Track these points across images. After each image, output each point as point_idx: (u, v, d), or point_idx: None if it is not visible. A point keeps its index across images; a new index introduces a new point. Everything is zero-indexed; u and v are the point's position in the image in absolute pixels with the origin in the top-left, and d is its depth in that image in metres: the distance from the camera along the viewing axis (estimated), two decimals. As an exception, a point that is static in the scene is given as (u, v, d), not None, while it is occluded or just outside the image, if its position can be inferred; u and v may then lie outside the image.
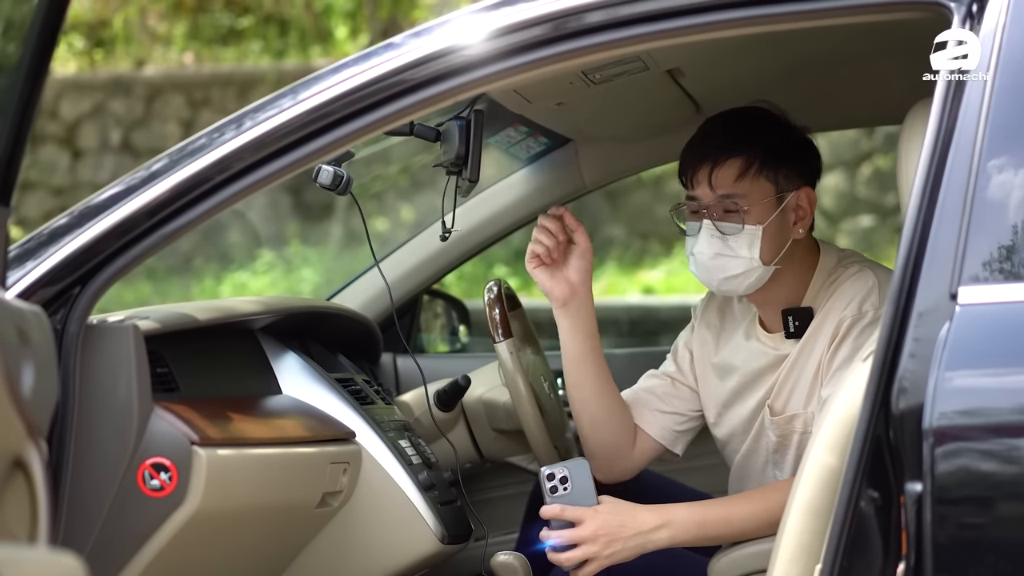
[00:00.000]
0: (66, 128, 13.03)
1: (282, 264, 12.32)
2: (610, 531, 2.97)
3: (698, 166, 3.14)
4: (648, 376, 3.43)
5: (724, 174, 3.12)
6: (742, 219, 3.10)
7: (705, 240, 3.11)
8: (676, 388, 3.37)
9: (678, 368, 3.39)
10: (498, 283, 3.55)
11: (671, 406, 3.37)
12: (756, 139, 3.14)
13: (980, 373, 2.34)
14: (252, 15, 14.15)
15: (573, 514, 2.98)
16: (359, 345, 3.99)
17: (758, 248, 3.10)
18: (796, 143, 3.21)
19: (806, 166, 3.21)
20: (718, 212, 3.11)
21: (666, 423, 3.36)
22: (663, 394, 3.37)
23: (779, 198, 3.13)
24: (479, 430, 3.88)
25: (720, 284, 3.14)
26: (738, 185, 3.11)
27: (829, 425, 2.47)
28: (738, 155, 3.12)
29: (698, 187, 3.14)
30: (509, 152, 4.14)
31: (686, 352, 3.40)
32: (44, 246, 2.63)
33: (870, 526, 2.34)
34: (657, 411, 3.36)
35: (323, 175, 3.35)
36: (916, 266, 2.37)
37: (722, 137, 3.15)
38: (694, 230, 3.15)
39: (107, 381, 2.63)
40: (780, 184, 3.14)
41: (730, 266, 3.11)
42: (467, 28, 2.66)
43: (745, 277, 3.12)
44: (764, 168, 3.13)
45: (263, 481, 2.95)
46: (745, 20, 2.56)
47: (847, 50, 3.40)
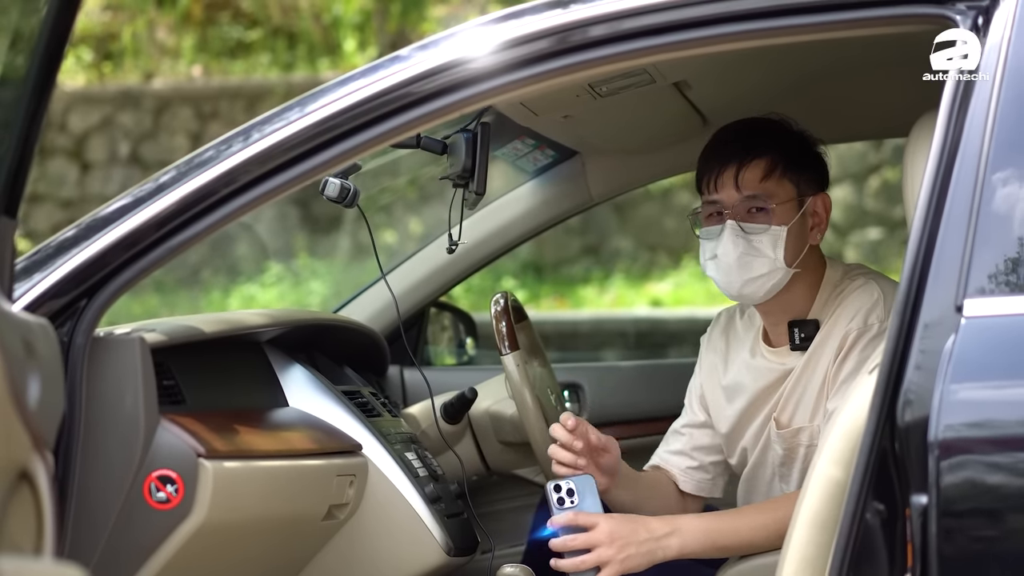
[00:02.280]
0: (75, 141, 13.04)
1: (290, 276, 12.32)
2: (623, 535, 2.97)
3: (723, 168, 3.15)
4: (672, 434, 3.43)
5: (751, 175, 3.13)
6: (768, 219, 3.11)
7: (729, 241, 3.11)
8: (697, 437, 3.38)
9: (693, 413, 3.40)
10: (505, 295, 3.55)
11: (698, 459, 3.38)
12: (777, 143, 3.17)
13: (985, 385, 2.34)
14: (261, 28, 14.15)
15: (586, 519, 2.98)
16: (366, 358, 3.99)
17: (782, 249, 3.11)
18: (811, 151, 3.24)
19: (821, 173, 3.24)
20: (742, 213, 3.13)
21: (700, 477, 3.38)
22: (689, 450, 3.38)
23: (800, 201, 3.16)
24: (486, 442, 3.89)
25: (742, 287, 3.14)
26: (764, 185, 3.13)
27: (835, 437, 2.47)
28: (764, 156, 3.14)
29: (723, 189, 3.15)
30: (516, 164, 4.15)
31: (696, 394, 3.41)
32: (51, 258, 2.63)
33: (876, 539, 2.34)
34: (688, 469, 3.38)
35: (330, 188, 3.35)
36: (922, 278, 2.37)
37: (746, 140, 3.18)
38: (715, 234, 3.15)
39: (114, 393, 2.64)
40: (801, 188, 3.17)
41: (755, 266, 3.11)
42: (473, 41, 2.67)
43: (768, 279, 3.12)
44: (788, 170, 3.15)
45: (269, 493, 2.96)
46: (748, 33, 2.57)
47: (854, 63, 3.40)
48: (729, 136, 3.23)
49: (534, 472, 3.92)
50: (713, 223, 3.17)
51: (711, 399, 3.36)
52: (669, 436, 3.44)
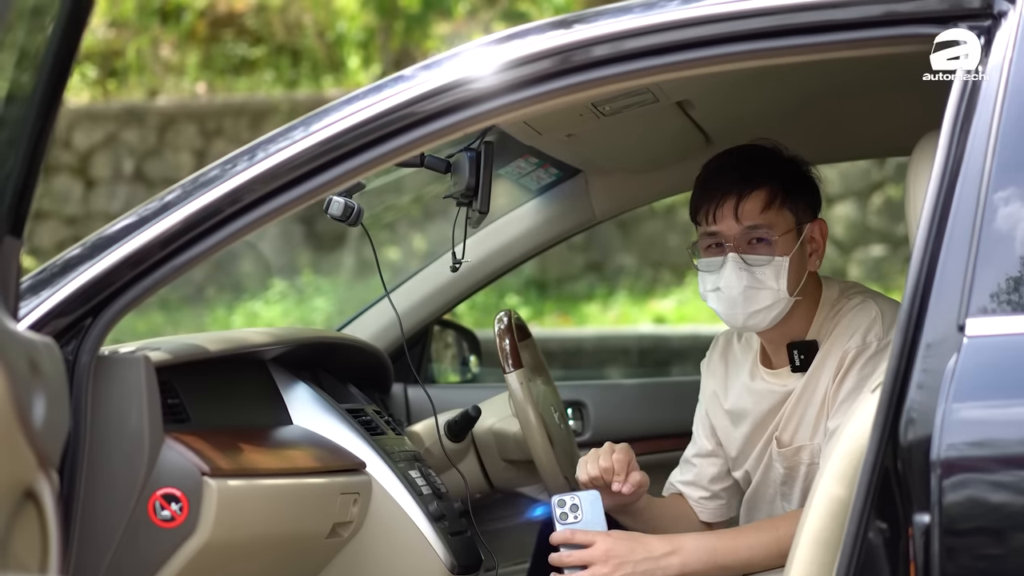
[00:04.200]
0: (79, 158, 13.07)
1: (294, 294, 12.33)
2: (620, 554, 2.97)
3: (722, 200, 3.13)
4: (684, 463, 3.44)
5: (751, 206, 3.12)
6: (771, 250, 3.11)
7: (732, 274, 3.10)
8: (705, 467, 3.39)
9: (701, 442, 3.41)
10: (508, 313, 3.56)
11: (710, 489, 3.39)
12: (775, 171, 3.16)
13: (988, 405, 2.34)
14: (265, 45, 14.19)
15: (584, 537, 2.99)
16: (370, 375, 4.00)
17: (785, 279, 3.10)
18: (805, 177, 3.23)
19: (815, 199, 3.23)
20: (743, 245, 3.12)
21: (715, 505, 3.40)
22: (700, 481, 3.39)
23: (799, 229, 3.15)
24: (489, 460, 3.89)
25: (747, 319, 3.13)
26: (764, 216, 3.12)
27: (837, 456, 2.47)
28: (763, 187, 3.13)
29: (722, 221, 3.13)
30: (519, 183, 4.15)
31: (702, 423, 3.41)
32: (57, 277, 2.64)
33: (878, 557, 2.34)
34: (702, 500, 3.39)
35: (334, 206, 3.35)
36: (924, 297, 2.37)
37: (743, 170, 3.16)
38: (715, 266, 3.13)
39: (118, 412, 2.64)
40: (799, 216, 3.16)
41: (759, 298, 3.10)
42: (477, 61, 2.68)
43: (771, 310, 3.12)
44: (787, 199, 3.14)
45: (273, 512, 2.96)
46: (750, 54, 2.58)
47: (858, 82, 3.41)
48: (725, 166, 3.21)
49: (538, 490, 3.92)
50: (713, 254, 3.15)
51: (718, 425, 3.36)
52: (682, 464, 3.45)
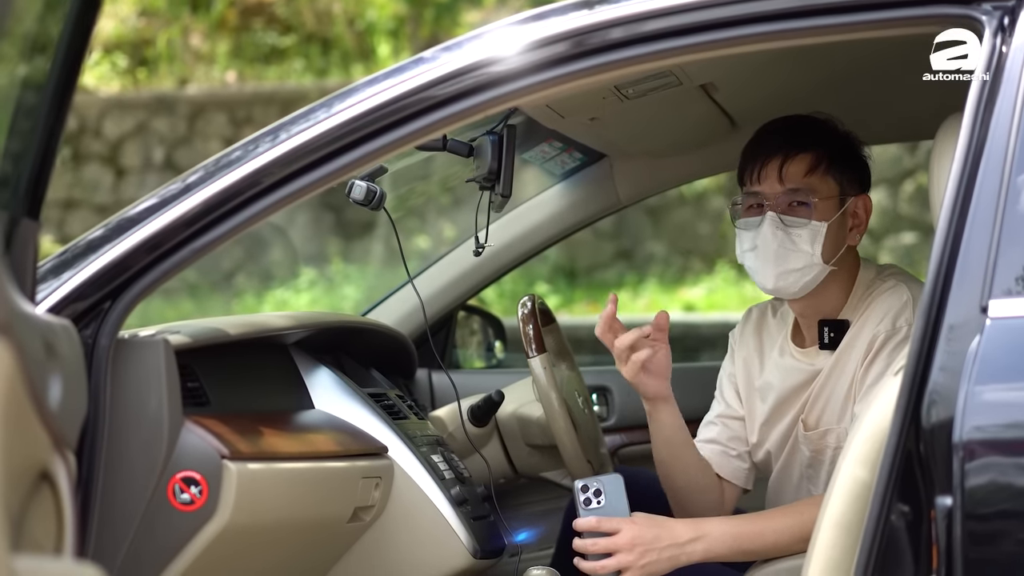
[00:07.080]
0: (109, 147, 13.10)
1: (324, 282, 12.35)
2: (645, 541, 2.96)
3: (767, 160, 3.15)
4: (705, 425, 3.41)
5: (795, 168, 3.14)
6: (809, 213, 3.11)
7: (768, 232, 3.11)
8: (731, 427, 3.37)
9: (727, 404, 3.38)
10: (532, 298, 3.55)
11: (735, 448, 3.36)
12: (823, 139, 3.18)
13: (1011, 387, 2.32)
14: (295, 34, 14.19)
15: (609, 524, 2.97)
16: (393, 360, 3.99)
17: (820, 245, 3.11)
18: (856, 151, 3.24)
19: (864, 175, 3.24)
20: (783, 206, 3.13)
21: (737, 466, 3.36)
22: (725, 439, 3.36)
23: (842, 199, 3.16)
24: (513, 445, 3.88)
25: (778, 279, 3.13)
26: (807, 180, 3.14)
27: (860, 439, 2.45)
28: (810, 150, 3.15)
29: (765, 181, 3.15)
30: (544, 167, 4.14)
31: (730, 384, 3.39)
32: (79, 258, 2.63)
33: (901, 541, 2.32)
34: (726, 456, 3.36)
35: (356, 190, 3.35)
36: (947, 279, 2.35)
37: (792, 134, 3.18)
38: (753, 224, 3.15)
39: (138, 395, 2.64)
40: (844, 186, 3.17)
41: (791, 259, 3.11)
42: (498, 42, 2.66)
43: (803, 273, 3.12)
44: (832, 167, 3.16)
45: (294, 496, 2.95)
46: (773, 35, 2.56)
47: (882, 64, 3.39)
48: (775, 129, 3.23)
49: (561, 475, 3.90)
50: (753, 214, 3.16)
51: (746, 395, 3.35)
52: (702, 428, 3.42)
